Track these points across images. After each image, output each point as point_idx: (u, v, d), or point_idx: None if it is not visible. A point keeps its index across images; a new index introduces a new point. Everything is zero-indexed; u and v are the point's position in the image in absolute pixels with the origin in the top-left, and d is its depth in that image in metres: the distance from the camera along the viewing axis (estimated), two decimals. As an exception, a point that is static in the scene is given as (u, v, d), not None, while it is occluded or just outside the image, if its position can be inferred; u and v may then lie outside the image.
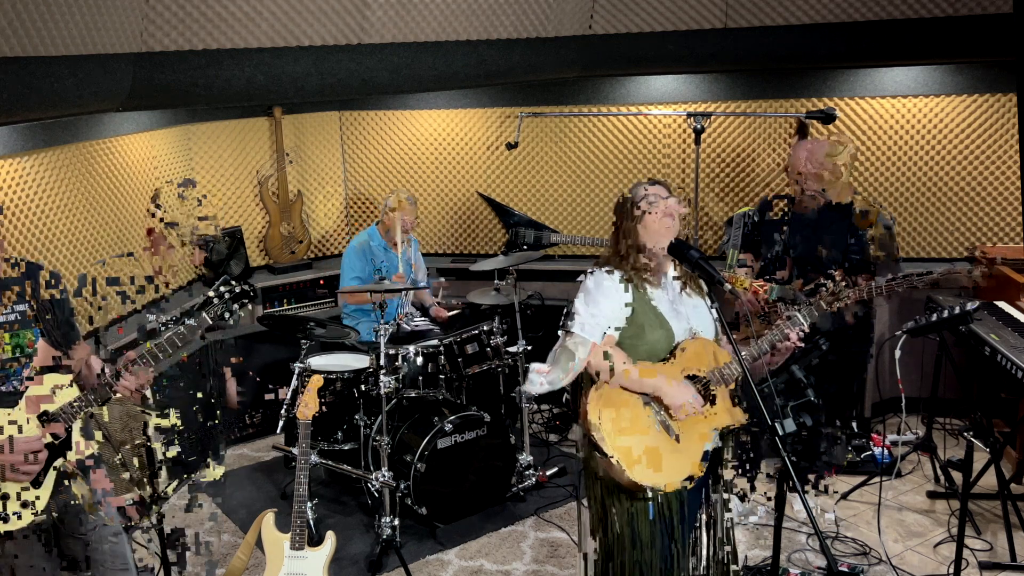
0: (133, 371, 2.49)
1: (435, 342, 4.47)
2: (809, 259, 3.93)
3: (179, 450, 4.10)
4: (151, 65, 3.27)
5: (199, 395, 4.67)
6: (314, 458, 4.35)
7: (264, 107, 5.53)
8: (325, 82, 3.73)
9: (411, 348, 4.39)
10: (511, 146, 5.46)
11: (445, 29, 3.89)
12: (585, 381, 2.75)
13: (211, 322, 2.52)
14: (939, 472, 4.47)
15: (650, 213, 2.71)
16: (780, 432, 2.59)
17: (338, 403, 4.40)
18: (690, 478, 2.69)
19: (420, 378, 4.40)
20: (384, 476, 3.98)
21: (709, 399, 2.73)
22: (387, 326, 4.10)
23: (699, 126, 4.95)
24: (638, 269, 2.73)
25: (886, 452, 4.66)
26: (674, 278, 2.81)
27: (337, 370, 4.36)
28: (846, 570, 3.73)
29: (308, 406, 3.46)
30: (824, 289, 2.90)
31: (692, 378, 2.73)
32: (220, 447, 5.00)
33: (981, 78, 4.99)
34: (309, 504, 3.98)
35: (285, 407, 4.39)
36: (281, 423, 4.38)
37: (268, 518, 3.36)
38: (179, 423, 3.12)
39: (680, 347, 2.73)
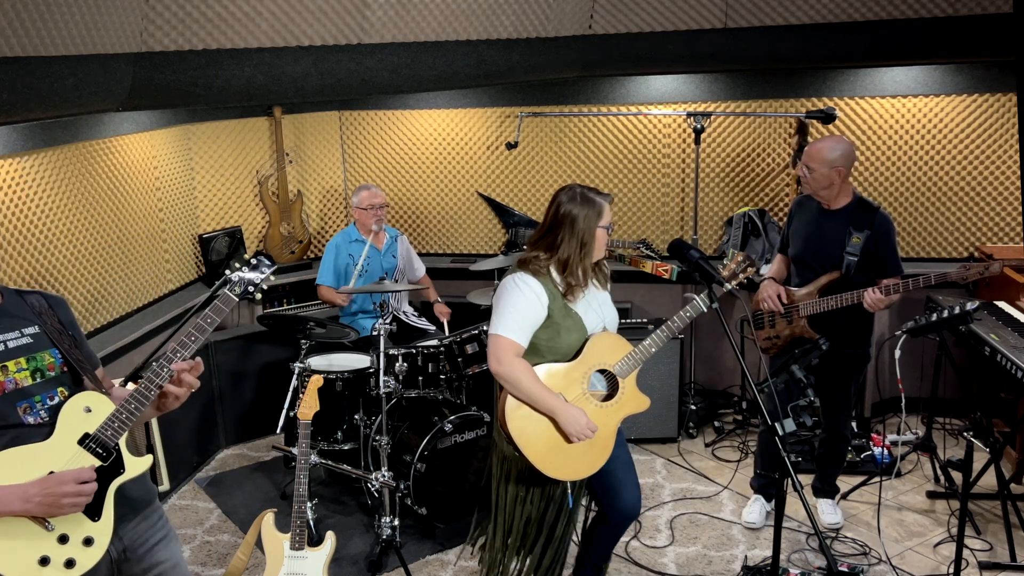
0: (179, 359, 2.19)
1: (435, 342, 4.47)
2: (807, 259, 3.92)
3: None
4: (151, 65, 3.26)
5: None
6: (314, 458, 4.35)
7: (264, 107, 5.53)
8: (325, 82, 3.72)
9: (411, 348, 4.39)
10: (511, 146, 5.46)
11: (445, 29, 3.89)
12: None
13: (236, 298, 2.30)
14: (939, 472, 4.47)
15: (608, 235, 2.85)
16: (780, 432, 2.59)
17: (338, 403, 4.40)
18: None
19: (420, 378, 4.40)
20: (384, 476, 3.98)
21: (617, 389, 2.87)
22: (387, 325, 4.09)
23: (699, 126, 4.95)
24: (585, 273, 2.82)
25: (886, 452, 4.66)
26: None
27: (337, 370, 4.37)
28: (846, 570, 3.73)
29: (309, 406, 3.46)
30: (721, 266, 2.98)
31: (602, 372, 2.86)
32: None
33: (981, 78, 5.00)
34: (309, 504, 3.98)
35: (286, 407, 4.40)
36: (281, 423, 4.38)
37: (268, 518, 3.36)
38: None
39: (588, 342, 2.83)
